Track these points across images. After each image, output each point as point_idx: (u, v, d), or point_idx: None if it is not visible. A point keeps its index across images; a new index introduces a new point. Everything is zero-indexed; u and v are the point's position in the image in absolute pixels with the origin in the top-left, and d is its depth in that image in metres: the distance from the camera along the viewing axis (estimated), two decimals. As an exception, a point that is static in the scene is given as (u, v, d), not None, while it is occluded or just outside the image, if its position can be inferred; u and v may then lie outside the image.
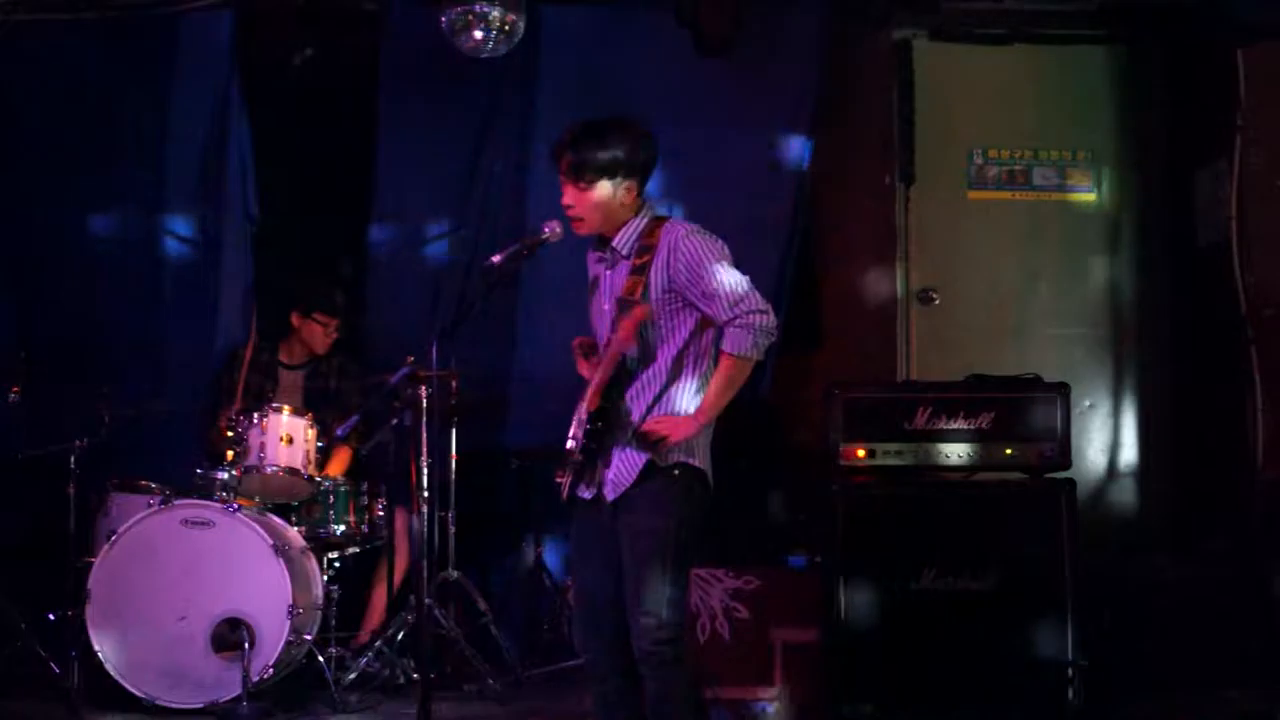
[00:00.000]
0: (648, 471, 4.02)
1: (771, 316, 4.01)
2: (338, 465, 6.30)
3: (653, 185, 4.26)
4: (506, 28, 6.15)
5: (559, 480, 4.17)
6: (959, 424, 5.40)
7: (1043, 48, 6.93)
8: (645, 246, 4.08)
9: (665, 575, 3.98)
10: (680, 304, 4.05)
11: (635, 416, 4.04)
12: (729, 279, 3.97)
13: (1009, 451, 5.39)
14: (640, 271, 4.05)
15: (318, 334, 6.46)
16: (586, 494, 4.13)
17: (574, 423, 4.14)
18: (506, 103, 6.64)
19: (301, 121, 6.90)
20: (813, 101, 6.57)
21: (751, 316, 3.96)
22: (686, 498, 4.05)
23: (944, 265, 6.91)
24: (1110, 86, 6.95)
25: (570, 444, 4.13)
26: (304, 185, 6.98)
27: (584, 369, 4.25)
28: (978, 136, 6.93)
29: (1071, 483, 5.37)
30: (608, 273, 4.19)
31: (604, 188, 4.10)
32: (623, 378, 4.05)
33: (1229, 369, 6.11)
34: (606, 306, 4.18)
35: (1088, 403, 6.81)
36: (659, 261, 4.05)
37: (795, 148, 6.58)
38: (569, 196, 4.14)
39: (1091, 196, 6.95)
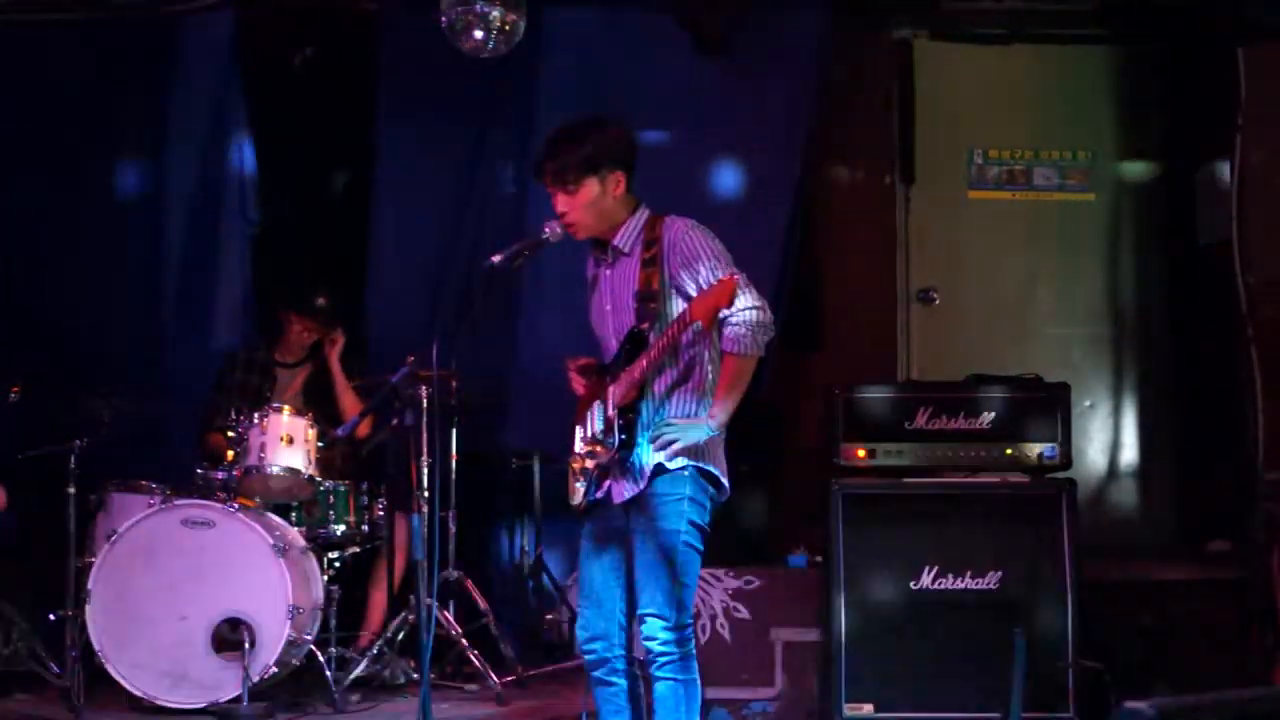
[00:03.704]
0: (657, 473, 4.03)
1: (767, 312, 4.00)
2: (365, 426, 6.24)
3: (651, 185, 4.27)
4: (506, 28, 6.14)
5: (575, 483, 4.16)
6: (959, 424, 5.40)
7: (1043, 48, 6.94)
8: (650, 240, 4.06)
9: (673, 576, 3.99)
10: (683, 301, 4.03)
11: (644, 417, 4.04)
12: (724, 276, 3.94)
13: (1009, 451, 5.39)
14: (652, 264, 4.03)
15: (293, 333, 6.45)
16: (598, 494, 4.13)
17: (591, 422, 4.12)
18: (506, 103, 6.64)
19: (301, 121, 6.90)
20: (813, 101, 6.55)
21: (747, 313, 3.96)
22: (696, 499, 4.05)
23: (944, 265, 6.92)
24: (1110, 86, 6.96)
25: (580, 446, 4.13)
26: (304, 185, 6.98)
27: (579, 386, 4.24)
28: (978, 136, 6.94)
29: (1071, 483, 5.37)
30: (608, 272, 4.17)
31: (592, 185, 4.09)
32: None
33: (1229, 369, 6.11)
34: (609, 307, 4.17)
35: (1088, 403, 6.80)
36: (664, 255, 4.04)
37: (795, 148, 6.58)
38: (560, 204, 4.12)
39: (1091, 196, 6.96)
